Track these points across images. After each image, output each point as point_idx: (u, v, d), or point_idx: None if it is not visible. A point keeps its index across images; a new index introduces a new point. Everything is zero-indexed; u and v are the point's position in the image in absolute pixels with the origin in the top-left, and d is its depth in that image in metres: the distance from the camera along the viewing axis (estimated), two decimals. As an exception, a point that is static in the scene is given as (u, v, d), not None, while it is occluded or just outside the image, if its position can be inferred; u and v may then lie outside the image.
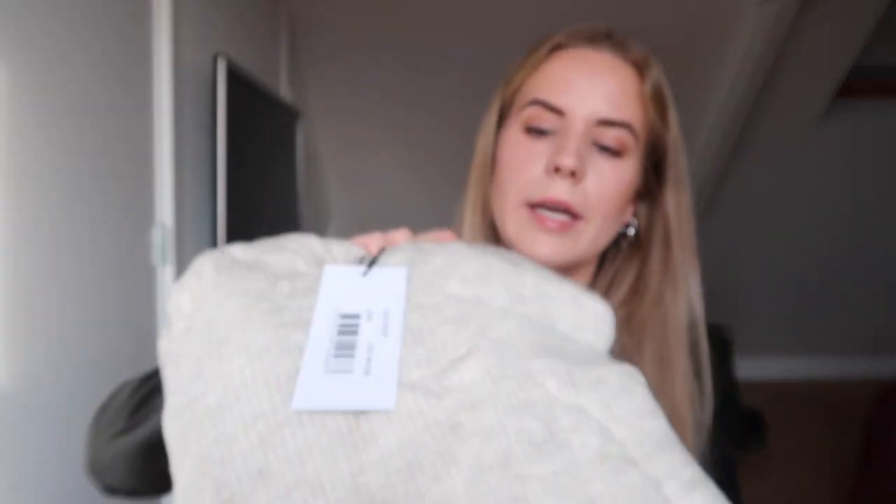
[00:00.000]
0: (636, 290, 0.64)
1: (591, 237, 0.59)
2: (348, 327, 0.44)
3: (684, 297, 0.63)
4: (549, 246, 0.57)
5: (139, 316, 1.43)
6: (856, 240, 3.92)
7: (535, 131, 0.58)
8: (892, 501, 2.19)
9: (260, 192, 2.06)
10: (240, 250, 0.49)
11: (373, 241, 0.50)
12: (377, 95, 3.01)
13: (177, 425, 0.42)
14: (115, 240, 1.34)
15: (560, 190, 0.56)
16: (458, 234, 0.64)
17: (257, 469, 0.38)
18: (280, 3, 2.56)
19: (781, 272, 4.16)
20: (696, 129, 3.27)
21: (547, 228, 0.57)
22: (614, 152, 0.58)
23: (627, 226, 0.65)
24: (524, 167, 0.58)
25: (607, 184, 0.58)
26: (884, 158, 3.51)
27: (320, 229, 3.43)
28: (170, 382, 0.45)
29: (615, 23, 2.67)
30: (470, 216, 0.64)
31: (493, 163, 0.63)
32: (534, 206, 0.57)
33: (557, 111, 0.57)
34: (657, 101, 0.60)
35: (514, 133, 0.60)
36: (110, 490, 0.55)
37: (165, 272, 1.51)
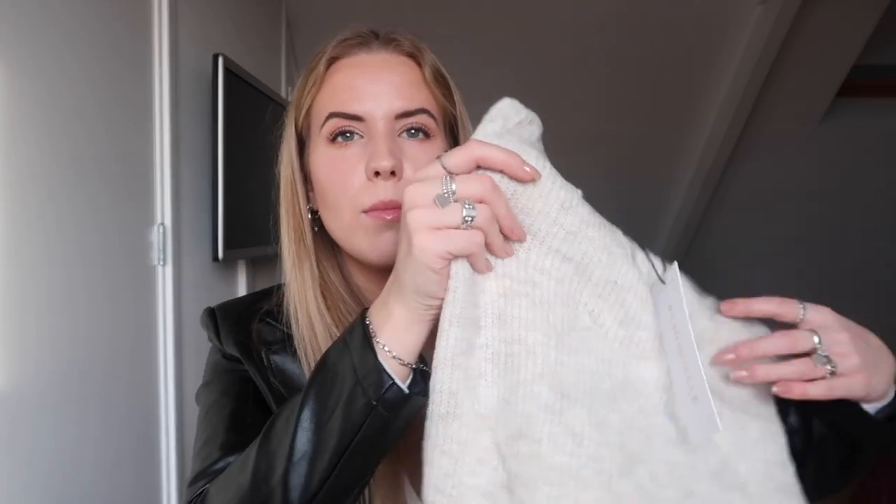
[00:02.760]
0: None
1: None
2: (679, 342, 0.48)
3: None
4: (392, 240, 0.58)
5: (139, 315, 1.43)
6: (857, 239, 3.92)
7: (340, 137, 0.59)
8: (893, 502, 2.19)
9: (259, 192, 2.06)
10: None
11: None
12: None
13: None
14: (115, 240, 1.33)
15: (386, 191, 0.58)
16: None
17: None
18: (279, 3, 2.56)
19: (782, 272, 4.15)
20: (698, 128, 3.27)
21: (389, 223, 0.58)
22: (424, 135, 0.61)
23: None
24: (346, 178, 0.59)
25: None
26: (884, 158, 3.51)
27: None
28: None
29: (616, 23, 2.67)
30: (293, 251, 0.65)
31: (306, 188, 0.65)
32: (367, 211, 0.59)
33: (356, 118, 0.59)
34: (441, 83, 0.63)
35: (321, 149, 0.61)
36: None
37: (165, 272, 1.51)
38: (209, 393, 0.69)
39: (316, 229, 0.66)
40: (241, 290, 2.05)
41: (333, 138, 0.60)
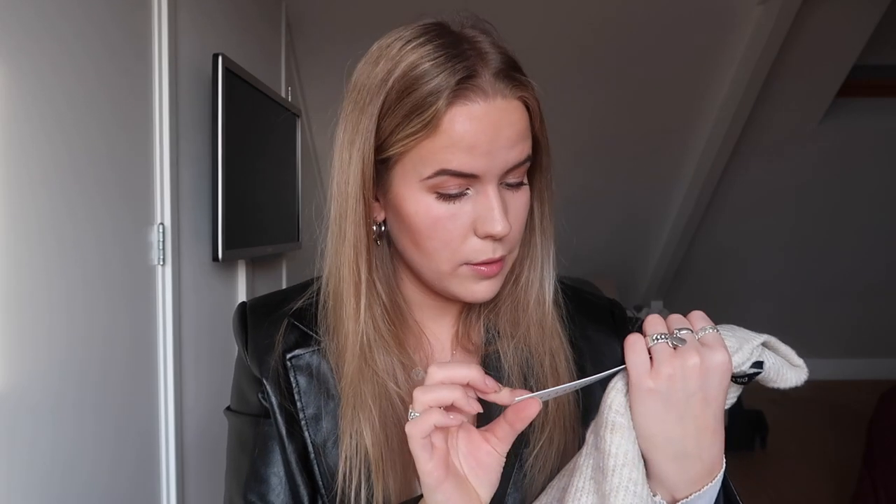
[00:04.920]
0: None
1: (511, 261, 0.64)
2: None
3: (539, 277, 0.67)
4: (488, 289, 0.61)
5: (138, 316, 1.43)
6: (857, 240, 3.92)
7: (448, 196, 0.57)
8: (893, 502, 2.19)
9: (259, 191, 2.06)
10: None
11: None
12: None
13: None
14: (115, 240, 1.34)
15: (495, 250, 0.59)
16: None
17: None
18: (279, 3, 2.56)
19: (781, 272, 4.16)
20: (698, 128, 3.27)
21: (485, 275, 0.60)
22: (520, 184, 0.61)
23: None
24: (452, 235, 0.58)
25: (520, 217, 0.61)
26: (884, 158, 3.51)
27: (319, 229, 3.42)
28: None
29: (617, 24, 2.65)
30: (360, 278, 0.61)
31: (384, 211, 0.63)
32: (472, 264, 0.59)
33: (472, 177, 0.56)
34: (540, 123, 0.62)
35: (422, 197, 0.58)
36: None
37: (165, 272, 1.51)
38: (232, 423, 0.71)
39: (378, 242, 0.65)
40: (241, 291, 2.06)
41: (439, 194, 0.57)
